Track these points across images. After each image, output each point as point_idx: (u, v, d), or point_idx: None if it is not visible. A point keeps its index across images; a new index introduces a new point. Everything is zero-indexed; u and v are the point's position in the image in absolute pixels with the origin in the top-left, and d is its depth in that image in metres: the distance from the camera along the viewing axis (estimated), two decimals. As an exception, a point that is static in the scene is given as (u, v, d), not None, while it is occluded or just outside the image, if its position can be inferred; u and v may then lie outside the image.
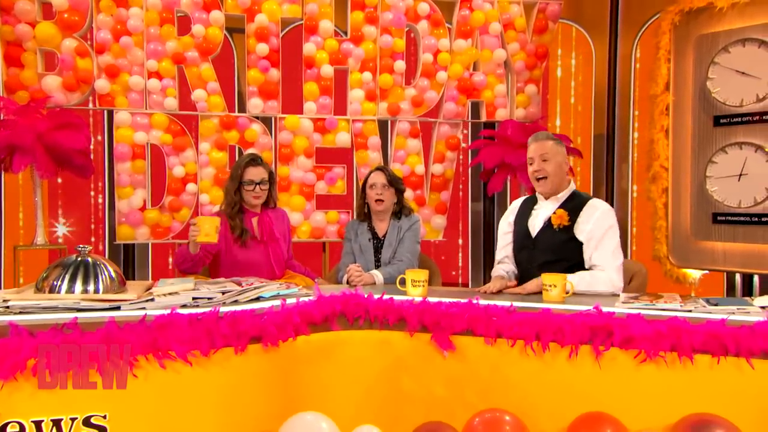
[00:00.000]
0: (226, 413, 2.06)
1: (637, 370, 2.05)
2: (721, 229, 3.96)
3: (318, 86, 4.40)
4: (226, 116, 4.31)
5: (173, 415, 1.99)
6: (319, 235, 4.43)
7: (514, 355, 2.16)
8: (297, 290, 2.50)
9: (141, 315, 2.03)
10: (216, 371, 2.02)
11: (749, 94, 3.83)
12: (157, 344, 1.94)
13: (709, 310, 2.21)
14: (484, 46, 4.58)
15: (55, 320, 1.96)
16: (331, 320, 2.26)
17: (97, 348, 1.90)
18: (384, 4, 4.42)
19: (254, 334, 2.07)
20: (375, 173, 3.31)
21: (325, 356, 2.26)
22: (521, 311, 2.21)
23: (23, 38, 3.98)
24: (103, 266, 2.28)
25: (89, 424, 1.90)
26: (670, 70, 4.12)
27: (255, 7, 4.26)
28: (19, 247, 4.15)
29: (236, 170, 3.16)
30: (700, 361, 2.01)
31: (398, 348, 2.27)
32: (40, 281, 2.23)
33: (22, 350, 1.84)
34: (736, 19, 3.86)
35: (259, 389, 2.13)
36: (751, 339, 1.97)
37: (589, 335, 2.09)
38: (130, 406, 1.94)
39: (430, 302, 2.30)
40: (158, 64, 4.18)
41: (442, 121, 4.59)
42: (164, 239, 4.29)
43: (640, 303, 2.31)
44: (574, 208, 2.73)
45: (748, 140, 3.84)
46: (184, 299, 2.23)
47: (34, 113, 3.88)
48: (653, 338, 2.02)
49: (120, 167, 4.17)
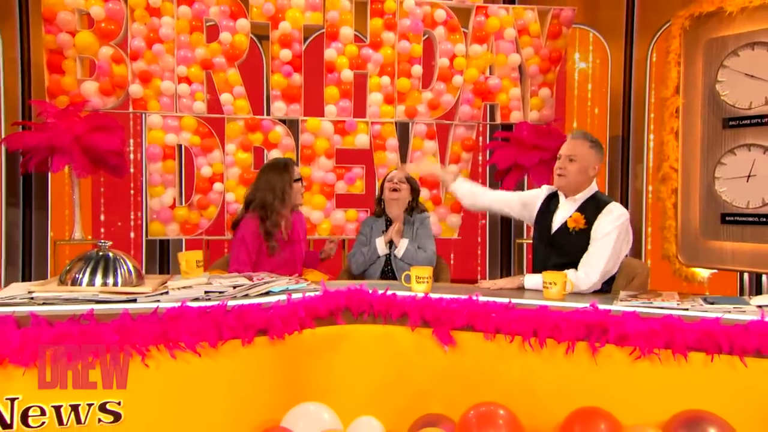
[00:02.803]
0: (233, 402, 2.08)
1: (631, 366, 2.04)
2: (729, 229, 3.89)
3: (338, 90, 4.40)
4: (251, 119, 4.32)
5: (183, 402, 2.00)
6: (339, 233, 4.44)
7: (513, 350, 2.16)
8: (305, 285, 2.48)
9: (154, 307, 2.03)
10: (224, 362, 2.03)
11: (758, 97, 3.76)
12: (167, 335, 1.95)
13: (705, 308, 2.17)
14: (499, 51, 4.56)
15: (73, 311, 1.97)
16: (336, 314, 2.26)
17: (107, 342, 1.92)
18: (402, 11, 4.42)
19: (261, 327, 2.07)
20: (394, 171, 3.38)
21: (330, 349, 2.27)
22: (520, 308, 2.20)
23: (64, 46, 4.02)
24: (122, 261, 2.27)
25: (104, 409, 1.93)
26: (680, 74, 4.07)
27: (279, 15, 4.28)
28: (58, 241, 4.23)
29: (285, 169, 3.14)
30: (694, 359, 1.99)
31: (400, 342, 2.27)
32: (64, 274, 2.23)
33: (42, 339, 1.86)
34: (745, 23, 3.80)
35: (264, 380, 2.14)
36: (744, 338, 1.95)
37: (585, 332, 2.08)
38: (143, 393, 1.96)
39: (431, 298, 2.29)
40: (188, 69, 4.21)
41: (457, 124, 4.58)
42: (193, 235, 4.32)
43: (638, 301, 2.28)
44: (593, 211, 2.66)
45: (757, 142, 3.78)
46: (197, 293, 2.22)
47: (73, 116, 3.93)
48: (648, 336, 2.01)
49: (152, 167, 4.21)
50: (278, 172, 3.15)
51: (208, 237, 4.36)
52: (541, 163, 4.24)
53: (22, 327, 1.87)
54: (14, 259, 4.68)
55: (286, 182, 3.12)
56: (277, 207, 3.08)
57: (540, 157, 4.23)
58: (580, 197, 2.72)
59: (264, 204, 3.08)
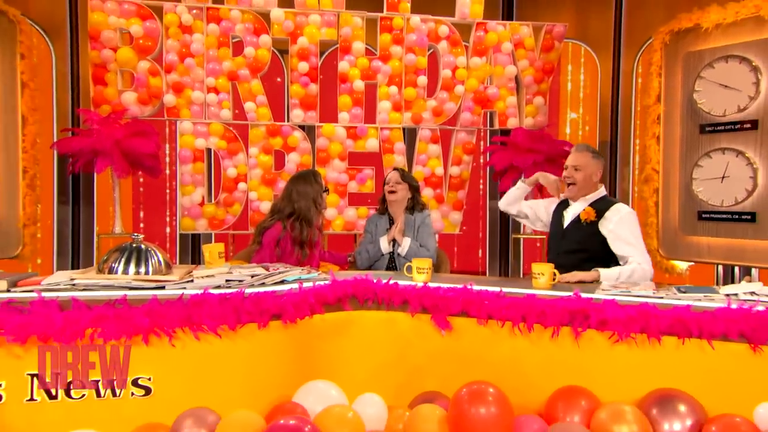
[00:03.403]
0: (250, 379, 2.09)
1: (610, 349, 2.06)
2: (705, 226, 3.87)
3: (351, 99, 4.40)
4: (272, 125, 4.33)
5: (205, 379, 2.02)
6: (351, 228, 4.45)
7: (503, 334, 2.17)
8: (316, 275, 2.47)
9: (180, 294, 2.04)
10: (242, 343, 2.05)
11: (731, 105, 3.73)
12: (192, 319, 1.97)
13: (678, 297, 2.19)
14: (497, 63, 4.55)
15: (109, 296, 1.99)
16: (343, 301, 2.27)
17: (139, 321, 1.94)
18: (409, 27, 4.41)
19: (275, 312, 2.08)
20: (391, 173, 3.32)
21: (337, 333, 2.27)
22: (510, 296, 2.20)
23: (107, 61, 4.07)
24: (153, 252, 2.28)
25: (137, 384, 1.96)
26: (661, 84, 4.05)
27: (297, 31, 4.29)
28: (101, 235, 4.26)
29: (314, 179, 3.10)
30: (667, 342, 2.01)
31: (401, 326, 2.28)
32: (101, 263, 2.26)
33: (82, 321, 1.89)
34: (719, 38, 3.77)
35: (278, 360, 2.14)
36: (712, 323, 1.96)
37: (568, 318, 2.09)
38: (170, 370, 1.99)
39: (430, 287, 2.30)
40: (216, 80, 4.23)
41: (459, 129, 4.57)
42: (220, 230, 4.34)
43: (617, 290, 2.29)
44: (601, 209, 2.75)
45: (731, 146, 3.75)
46: (219, 281, 2.22)
47: (114, 123, 3.95)
48: (625, 321, 2.03)
49: (183, 168, 4.24)
50: (309, 183, 3.10)
51: (233, 231, 4.38)
52: (534, 165, 4.20)
53: (65, 310, 1.91)
54: (64, 251, 4.70)
55: (317, 192, 3.08)
56: (312, 217, 3.05)
57: (534, 159, 4.22)
58: (590, 197, 2.82)
59: (300, 214, 3.03)
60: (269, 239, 3.03)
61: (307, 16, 4.28)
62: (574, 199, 2.87)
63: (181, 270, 2.39)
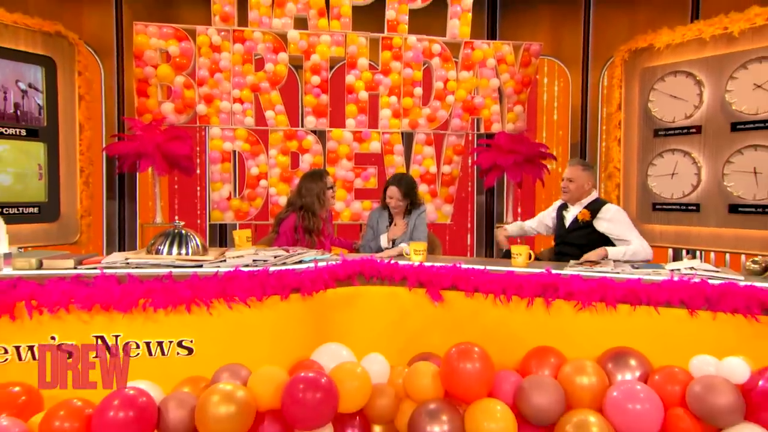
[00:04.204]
0: (275, 342, 2.14)
1: (575, 315, 2.11)
2: (658, 215, 3.92)
3: (356, 107, 4.39)
4: (288, 130, 4.32)
5: (237, 341, 2.08)
6: (357, 219, 4.44)
7: (487, 304, 2.21)
8: (329, 256, 2.49)
9: (215, 271, 2.09)
10: (267, 312, 2.09)
11: (679, 113, 3.78)
12: (225, 292, 2.03)
13: (632, 272, 2.22)
14: (482, 77, 4.52)
15: (157, 273, 2.07)
16: (352, 278, 2.30)
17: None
18: (406, 45, 4.40)
19: (295, 287, 2.12)
20: (391, 188, 3.18)
21: (347, 304, 2.30)
22: (492, 272, 2.23)
23: (149, 76, 4.09)
24: (192, 236, 2.33)
25: (181, 345, 2.02)
26: (621, 95, 4.07)
27: (310, 50, 4.27)
28: (144, 224, 4.30)
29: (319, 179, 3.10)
30: (621, 309, 2.06)
31: (401, 299, 2.31)
32: (150, 246, 2.32)
33: (136, 292, 1.96)
34: (669, 56, 3.81)
35: (298, 326, 2.18)
36: (658, 293, 2.01)
37: (541, 290, 2.14)
38: (208, 334, 2.03)
39: (425, 266, 2.33)
40: (240, 92, 4.22)
41: (450, 133, 4.53)
42: (244, 221, 4.31)
43: (582, 268, 2.32)
44: (595, 210, 2.85)
45: (679, 148, 3.80)
46: (247, 261, 2.26)
47: (154, 129, 3.98)
48: (587, 292, 2.08)
49: (213, 168, 4.24)
50: (315, 181, 3.11)
51: (255, 222, 4.35)
52: (515, 164, 4.18)
53: (122, 283, 1.98)
54: (112, 239, 4.74)
55: (321, 189, 3.09)
56: (316, 209, 3.06)
57: (514, 159, 4.17)
58: (585, 201, 2.93)
59: (306, 207, 3.06)
60: (285, 228, 3.06)
61: (318, 37, 4.28)
62: (571, 203, 2.98)
63: (215, 252, 2.43)
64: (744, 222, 3.52)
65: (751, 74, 3.46)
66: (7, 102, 3.62)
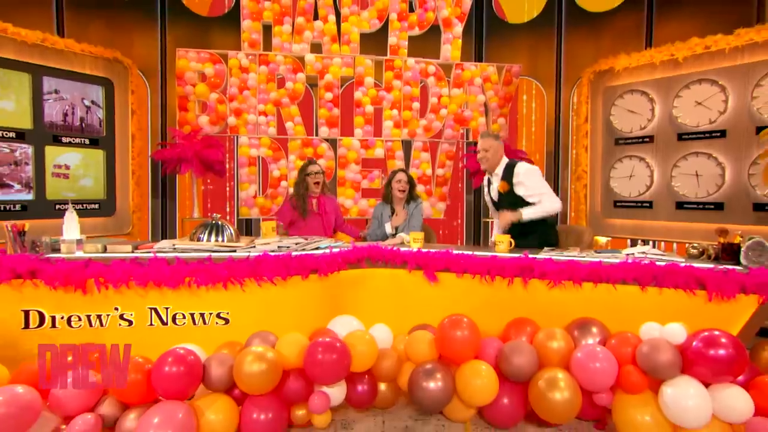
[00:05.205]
0: (297, 314, 2.17)
1: (548, 292, 2.14)
2: (619, 211, 3.95)
3: (363, 119, 4.40)
4: (305, 138, 4.33)
5: (266, 313, 2.13)
6: (363, 214, 4.45)
7: (474, 283, 2.24)
8: (341, 244, 2.52)
9: (247, 255, 2.14)
10: (291, 289, 2.13)
11: (636, 125, 3.82)
12: (256, 272, 2.08)
13: (595, 256, 2.27)
14: (471, 93, 4.53)
15: (199, 256, 2.12)
16: (361, 261, 2.33)
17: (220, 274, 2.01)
18: (406, 66, 4.42)
19: (313, 268, 2.16)
20: (400, 173, 3.23)
21: (357, 283, 2.33)
22: (479, 257, 2.24)
23: (188, 94, 4.13)
24: (227, 227, 2.40)
25: (219, 316, 2.07)
26: (588, 109, 4.09)
27: (324, 70, 4.30)
28: (183, 219, 4.31)
29: (302, 170, 3.17)
30: (586, 286, 2.10)
31: (402, 279, 2.34)
32: (192, 234, 2.39)
33: (182, 272, 2.02)
34: (627, 77, 3.85)
35: (316, 301, 2.21)
36: (616, 272, 2.06)
37: (519, 271, 2.18)
38: (242, 307, 2.08)
39: (422, 251, 2.36)
40: (265, 107, 4.24)
41: (443, 141, 4.54)
42: (267, 216, 4.31)
43: (554, 252, 2.35)
44: (508, 176, 2.66)
45: (635, 154, 3.84)
46: (273, 247, 2.31)
47: (193, 138, 4.03)
48: (558, 273, 2.12)
49: (241, 171, 4.26)
50: (300, 171, 3.20)
51: (276, 217, 4.41)
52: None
53: (171, 265, 2.04)
54: (157, 231, 4.79)
55: (302, 177, 3.16)
56: (298, 190, 3.15)
57: None
58: (499, 170, 2.71)
59: (294, 191, 3.19)
60: (284, 207, 3.26)
61: (331, 59, 4.30)
62: (489, 172, 2.76)
63: (246, 239, 2.49)
64: (689, 216, 3.57)
65: (693, 93, 3.52)
66: (75, 116, 3.70)
